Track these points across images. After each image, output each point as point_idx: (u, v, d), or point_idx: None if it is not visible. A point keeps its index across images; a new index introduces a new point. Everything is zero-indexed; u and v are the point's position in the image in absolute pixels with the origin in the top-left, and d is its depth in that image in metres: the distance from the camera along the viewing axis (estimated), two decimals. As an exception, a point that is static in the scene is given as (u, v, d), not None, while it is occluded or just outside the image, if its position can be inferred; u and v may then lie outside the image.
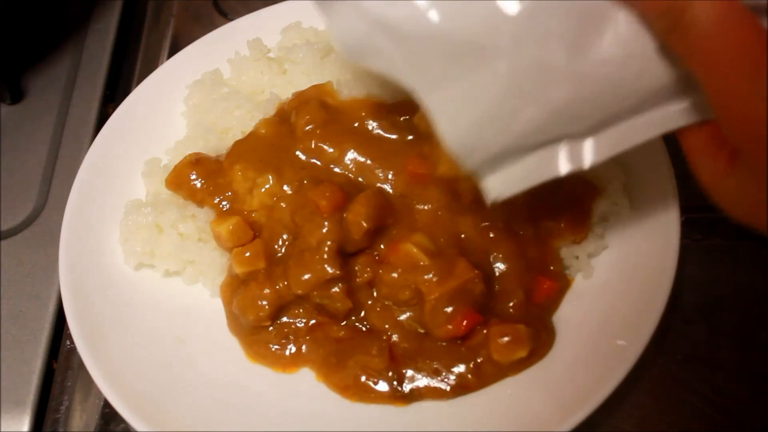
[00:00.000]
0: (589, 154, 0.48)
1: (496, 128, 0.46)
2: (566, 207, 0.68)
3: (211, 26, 0.88)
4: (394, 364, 0.64)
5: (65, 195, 0.74)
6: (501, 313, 0.65)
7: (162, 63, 0.92)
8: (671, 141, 0.66)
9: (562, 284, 0.67)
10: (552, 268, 0.67)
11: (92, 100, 0.92)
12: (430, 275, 0.63)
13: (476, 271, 0.63)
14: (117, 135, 0.79)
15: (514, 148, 0.47)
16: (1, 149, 0.88)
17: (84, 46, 0.97)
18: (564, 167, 0.48)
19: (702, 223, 0.73)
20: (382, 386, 0.63)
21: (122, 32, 1.00)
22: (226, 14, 1.01)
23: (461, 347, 0.64)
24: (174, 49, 0.93)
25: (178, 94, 0.82)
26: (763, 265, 0.70)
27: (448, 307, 0.63)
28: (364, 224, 0.64)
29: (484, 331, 0.63)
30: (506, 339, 0.62)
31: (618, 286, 0.66)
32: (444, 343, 0.64)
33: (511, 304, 0.65)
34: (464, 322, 0.63)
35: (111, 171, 0.77)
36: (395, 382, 0.63)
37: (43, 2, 1.00)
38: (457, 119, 0.46)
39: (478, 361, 0.63)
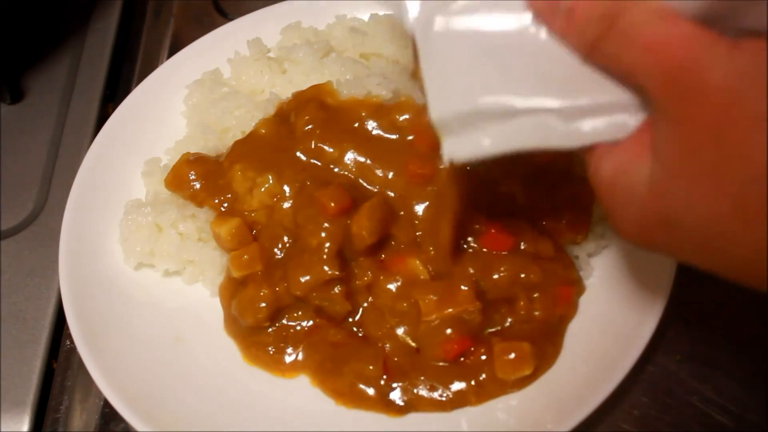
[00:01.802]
0: (561, 136, 0.45)
1: (468, 85, 0.45)
2: (566, 207, 0.67)
3: (211, 26, 0.88)
4: (390, 374, 0.63)
5: (65, 195, 0.74)
6: (513, 330, 0.64)
7: (162, 63, 0.92)
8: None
9: (578, 288, 0.67)
10: (568, 273, 0.66)
11: (92, 100, 0.92)
12: (432, 294, 0.63)
13: (477, 303, 0.62)
14: (117, 135, 0.79)
15: (484, 110, 0.45)
16: (1, 149, 0.88)
17: (84, 46, 0.97)
18: (530, 142, 0.45)
19: (702, 222, 0.73)
20: (377, 395, 0.63)
21: (122, 32, 1.00)
22: (226, 14, 1.01)
23: (459, 366, 0.63)
24: (174, 49, 0.92)
25: (178, 94, 0.82)
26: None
27: (442, 330, 0.62)
28: (369, 239, 0.64)
29: (482, 350, 0.62)
30: (511, 357, 0.61)
31: (618, 285, 0.66)
32: (440, 363, 0.63)
33: (528, 326, 0.64)
34: (455, 347, 0.62)
35: (111, 171, 0.76)
36: (390, 393, 0.63)
37: (43, 2, 1.00)
38: (442, 64, 0.45)
39: (480, 378, 0.62)
